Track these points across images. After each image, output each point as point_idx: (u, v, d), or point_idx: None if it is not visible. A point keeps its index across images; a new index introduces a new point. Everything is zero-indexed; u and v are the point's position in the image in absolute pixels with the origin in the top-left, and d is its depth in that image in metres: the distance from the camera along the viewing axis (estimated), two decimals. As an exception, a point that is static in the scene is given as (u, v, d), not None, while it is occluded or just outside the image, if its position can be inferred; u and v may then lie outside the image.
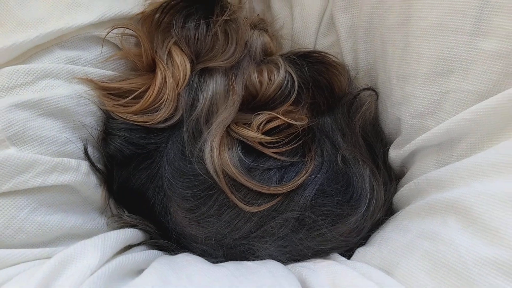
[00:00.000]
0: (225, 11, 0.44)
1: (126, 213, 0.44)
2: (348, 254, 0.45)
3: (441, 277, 0.33)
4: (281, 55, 0.51)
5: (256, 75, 0.48)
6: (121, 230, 0.40)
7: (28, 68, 0.39)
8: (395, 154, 0.45)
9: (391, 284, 0.34)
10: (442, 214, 0.35)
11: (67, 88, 0.40)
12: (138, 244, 0.43)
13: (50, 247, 0.37)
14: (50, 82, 0.40)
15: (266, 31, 0.52)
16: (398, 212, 0.43)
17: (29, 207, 0.36)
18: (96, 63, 0.43)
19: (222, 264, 0.40)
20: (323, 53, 0.51)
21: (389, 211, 0.46)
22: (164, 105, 0.43)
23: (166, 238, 0.44)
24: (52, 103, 0.39)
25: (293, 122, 0.45)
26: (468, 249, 0.32)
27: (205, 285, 0.33)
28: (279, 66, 0.48)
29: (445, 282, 0.33)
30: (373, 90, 0.48)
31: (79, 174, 0.40)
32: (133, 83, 0.43)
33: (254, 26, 0.52)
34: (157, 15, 0.44)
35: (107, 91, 0.42)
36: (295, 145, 0.45)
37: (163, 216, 0.44)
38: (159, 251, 0.43)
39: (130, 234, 0.40)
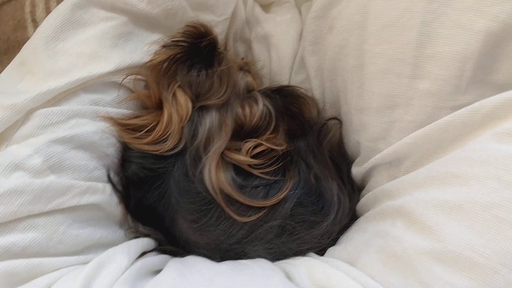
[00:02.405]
0: (221, 62, 0.54)
1: (141, 225, 0.53)
2: (321, 253, 0.55)
3: (391, 265, 0.43)
4: (259, 91, 0.61)
5: (240, 110, 0.58)
6: (139, 239, 0.49)
7: (60, 110, 0.49)
8: (356, 170, 0.56)
9: (354, 272, 0.44)
10: (391, 218, 0.46)
11: (93, 125, 0.50)
12: (150, 251, 0.52)
13: (82, 255, 0.46)
14: (78, 121, 0.49)
15: (249, 71, 0.63)
16: (360, 218, 0.53)
17: (66, 223, 0.45)
18: (114, 103, 0.53)
19: (222, 262, 0.50)
20: (293, 87, 0.62)
21: (353, 217, 0.56)
22: (171, 136, 0.53)
23: (174, 245, 0.54)
24: (81, 138, 0.48)
25: (275, 147, 0.55)
26: (411, 243, 0.43)
27: (212, 277, 0.42)
28: (257, 100, 0.59)
29: (394, 269, 0.43)
30: (338, 119, 0.59)
31: (104, 195, 0.49)
32: (145, 120, 0.53)
33: (240, 68, 0.63)
34: (165, 64, 0.54)
35: (124, 126, 0.52)
36: (277, 166, 0.55)
37: (171, 227, 0.53)
38: (168, 256, 0.52)
39: (146, 242, 0.50)
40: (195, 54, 0.55)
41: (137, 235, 0.53)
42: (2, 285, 0.40)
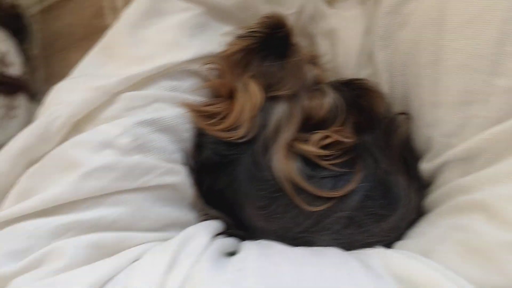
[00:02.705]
0: (293, 54, 0.56)
1: (212, 209, 0.55)
2: (387, 247, 0.55)
3: (471, 259, 0.43)
4: (327, 83, 0.62)
5: (308, 102, 0.59)
6: (213, 221, 0.51)
7: (143, 94, 0.51)
8: (425, 166, 0.56)
9: (432, 263, 0.44)
10: (469, 212, 0.46)
11: (172, 110, 0.52)
12: (220, 234, 0.54)
13: (161, 232, 0.48)
14: (159, 106, 0.51)
15: (317, 64, 0.64)
16: (430, 213, 0.53)
17: (149, 201, 0.47)
18: (190, 91, 0.55)
19: (295, 247, 0.51)
20: (363, 80, 0.63)
21: (420, 212, 0.56)
22: (242, 125, 0.54)
23: (240, 230, 0.55)
24: (163, 122, 0.50)
25: (344, 139, 0.56)
26: (492, 236, 0.42)
27: (294, 258, 0.43)
28: (326, 93, 0.60)
29: (474, 262, 0.43)
30: (407, 114, 0.59)
31: (181, 177, 0.51)
32: (219, 107, 0.55)
33: (308, 61, 0.63)
34: (239, 55, 0.56)
35: (200, 113, 0.54)
36: (345, 159, 0.56)
37: (240, 213, 0.54)
38: (237, 240, 0.53)
39: (219, 225, 0.51)
40: (269, 45, 0.56)
41: (207, 218, 0.54)
42: (92, 256, 0.42)
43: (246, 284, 0.38)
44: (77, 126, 0.50)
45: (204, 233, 0.46)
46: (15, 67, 0.58)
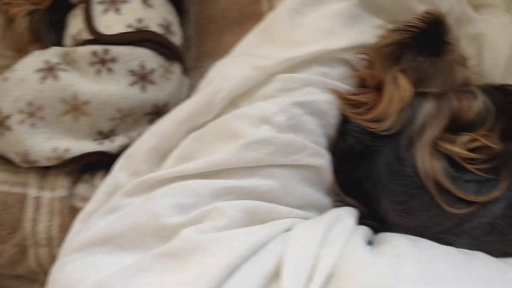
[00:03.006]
0: (446, 53, 0.55)
1: (347, 197, 0.55)
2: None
3: None
4: (477, 86, 0.60)
5: (457, 102, 0.57)
6: (352, 208, 0.52)
7: (298, 77, 0.53)
8: None
9: None
10: None
11: (323, 95, 0.54)
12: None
13: (303, 210, 0.50)
14: (311, 90, 0.53)
15: (466, 66, 0.62)
16: None
17: (296, 178, 0.49)
18: (340, 78, 0.56)
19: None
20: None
21: None
22: (389, 117, 0.54)
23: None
24: (315, 105, 0.52)
25: (493, 145, 0.54)
26: None
27: (447, 253, 0.43)
28: (476, 95, 0.58)
29: None
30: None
31: (325, 161, 0.52)
32: (367, 98, 0.55)
33: (457, 61, 0.62)
34: (391, 47, 0.56)
35: (348, 101, 0.55)
36: (491, 165, 0.54)
37: (375, 204, 0.55)
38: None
39: (356, 212, 0.52)
40: (424, 41, 0.56)
41: (341, 205, 0.55)
42: (247, 220, 0.45)
43: (405, 271, 0.38)
44: (234, 100, 0.54)
45: (349, 217, 0.47)
46: (176, 38, 0.63)
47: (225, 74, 0.54)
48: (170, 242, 0.43)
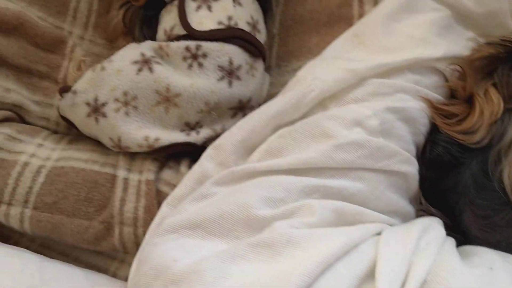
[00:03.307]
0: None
1: (431, 206, 0.55)
2: None
3: None
4: None
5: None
6: (437, 218, 0.51)
7: (390, 83, 0.53)
8: None
9: None
10: None
11: (414, 102, 0.53)
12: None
13: (389, 216, 0.50)
14: (403, 96, 0.53)
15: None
16: None
17: (385, 183, 0.50)
18: (430, 88, 0.56)
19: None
20: None
21: None
22: (479, 130, 0.54)
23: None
24: (407, 112, 0.52)
25: None
26: None
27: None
28: None
29: None
30: None
31: (414, 168, 0.52)
32: (457, 109, 0.55)
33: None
34: (484, 61, 0.55)
35: (438, 110, 0.54)
36: None
37: (458, 217, 0.54)
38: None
39: (441, 222, 0.52)
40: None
41: (424, 214, 0.55)
42: (336, 220, 0.46)
43: (500, 285, 0.38)
44: (322, 101, 0.54)
45: (439, 227, 0.47)
46: (261, 35, 0.64)
47: (316, 75, 0.55)
48: (262, 233, 0.44)
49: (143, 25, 0.67)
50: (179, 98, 0.58)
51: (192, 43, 0.59)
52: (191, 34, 0.60)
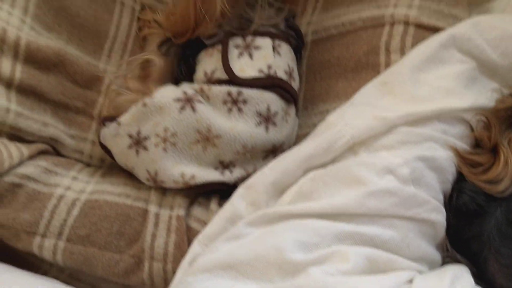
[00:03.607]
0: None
1: (458, 254, 0.56)
2: None
3: None
4: None
5: None
6: (464, 266, 0.52)
7: (419, 132, 0.55)
8: None
9: None
10: None
11: (442, 151, 0.55)
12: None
13: (418, 264, 0.51)
14: (431, 145, 0.55)
15: None
16: None
17: (414, 231, 0.51)
18: (457, 137, 0.58)
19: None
20: None
21: None
22: (504, 180, 0.55)
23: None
24: (435, 161, 0.54)
25: None
26: None
27: None
28: None
29: None
30: None
31: (442, 216, 0.54)
32: (483, 158, 0.56)
33: None
34: (508, 112, 0.57)
35: (465, 160, 0.56)
36: None
37: (483, 265, 0.55)
38: None
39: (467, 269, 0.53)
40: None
41: (450, 261, 0.56)
42: (368, 267, 0.47)
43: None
44: (352, 146, 0.56)
45: (468, 275, 0.48)
46: (295, 83, 0.67)
47: (347, 121, 0.57)
48: (296, 278, 0.45)
49: (180, 61, 0.70)
50: (219, 140, 0.60)
51: (234, 89, 0.62)
52: (232, 79, 0.63)
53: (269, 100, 0.62)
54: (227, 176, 0.61)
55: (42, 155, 0.64)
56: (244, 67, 0.63)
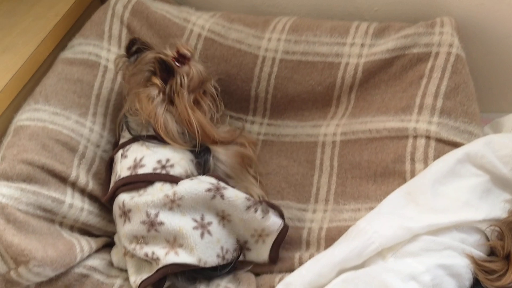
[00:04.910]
0: None
1: None
2: None
3: None
4: None
5: None
6: None
7: (440, 240, 0.63)
8: None
9: None
10: None
11: (460, 259, 0.63)
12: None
13: None
14: (450, 253, 0.63)
15: None
16: None
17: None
18: (474, 245, 0.65)
19: None
20: None
21: None
22: (512, 283, 0.62)
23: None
24: (454, 268, 0.61)
25: None
26: None
27: None
28: None
29: None
30: None
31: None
32: (497, 266, 0.64)
33: None
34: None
35: (481, 267, 0.63)
36: None
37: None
38: None
39: None
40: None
41: None
42: None
43: None
44: (381, 251, 0.64)
45: None
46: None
47: (376, 228, 0.65)
48: None
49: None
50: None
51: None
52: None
53: None
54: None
55: (108, 248, 0.74)
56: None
